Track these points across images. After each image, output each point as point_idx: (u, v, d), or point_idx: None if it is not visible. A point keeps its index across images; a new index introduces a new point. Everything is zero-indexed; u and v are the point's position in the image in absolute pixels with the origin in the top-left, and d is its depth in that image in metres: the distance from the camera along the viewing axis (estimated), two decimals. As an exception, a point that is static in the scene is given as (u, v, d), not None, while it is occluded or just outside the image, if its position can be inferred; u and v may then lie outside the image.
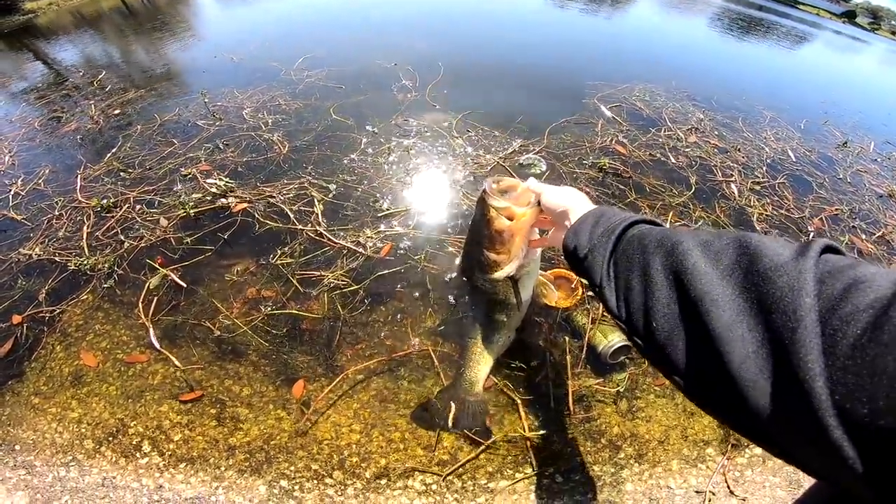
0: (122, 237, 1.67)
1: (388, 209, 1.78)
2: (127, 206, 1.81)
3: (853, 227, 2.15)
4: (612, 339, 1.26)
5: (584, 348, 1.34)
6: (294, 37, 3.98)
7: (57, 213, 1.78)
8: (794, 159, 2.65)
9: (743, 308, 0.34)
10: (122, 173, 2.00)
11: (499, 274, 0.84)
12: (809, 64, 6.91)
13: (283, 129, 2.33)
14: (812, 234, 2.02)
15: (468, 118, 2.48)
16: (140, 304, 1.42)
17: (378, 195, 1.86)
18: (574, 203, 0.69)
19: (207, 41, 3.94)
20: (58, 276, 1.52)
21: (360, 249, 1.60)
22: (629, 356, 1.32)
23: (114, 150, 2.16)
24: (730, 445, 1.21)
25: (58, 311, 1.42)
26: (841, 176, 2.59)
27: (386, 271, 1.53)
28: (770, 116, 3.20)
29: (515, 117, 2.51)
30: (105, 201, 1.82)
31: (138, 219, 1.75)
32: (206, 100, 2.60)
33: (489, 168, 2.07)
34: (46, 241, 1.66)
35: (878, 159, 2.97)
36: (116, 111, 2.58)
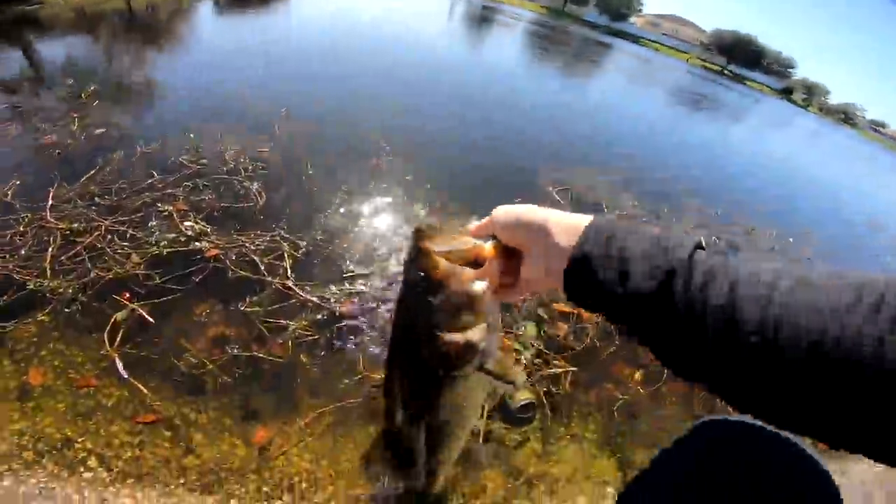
0: (90, 265, 1.72)
1: (352, 271, 2.02)
2: (98, 233, 1.88)
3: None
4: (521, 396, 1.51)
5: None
6: (284, 81, 4.34)
7: (21, 230, 1.80)
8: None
9: None
10: (96, 198, 2.07)
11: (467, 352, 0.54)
12: (738, 147, 8.50)
13: (262, 180, 2.50)
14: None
15: (430, 198, 2.78)
16: (105, 334, 1.46)
17: (345, 255, 2.10)
18: (547, 213, 0.47)
19: (199, 68, 4.22)
20: (14, 294, 1.53)
21: (325, 304, 1.79)
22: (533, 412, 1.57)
23: (91, 174, 2.22)
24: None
25: (10, 327, 1.42)
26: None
27: (345, 324, 1.73)
28: (694, 205, 3.93)
29: (473, 198, 2.93)
30: (76, 225, 1.88)
31: (108, 249, 1.82)
32: (192, 135, 2.79)
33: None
34: (7, 256, 1.67)
35: (776, 246, 3.67)
36: (100, 130, 2.65)
